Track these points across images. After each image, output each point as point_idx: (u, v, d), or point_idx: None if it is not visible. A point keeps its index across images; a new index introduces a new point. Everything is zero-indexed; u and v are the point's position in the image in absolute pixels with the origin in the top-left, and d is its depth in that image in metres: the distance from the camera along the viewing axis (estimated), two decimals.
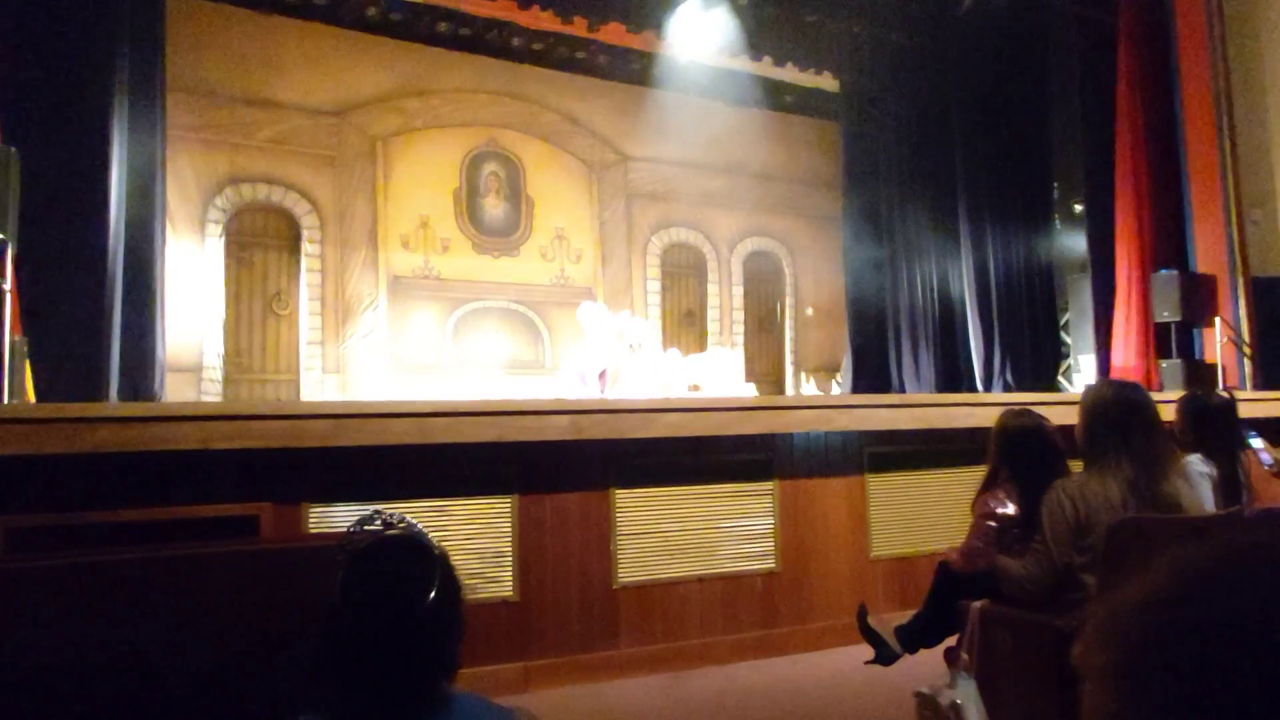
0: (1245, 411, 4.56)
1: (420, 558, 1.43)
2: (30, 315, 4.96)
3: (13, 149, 4.57)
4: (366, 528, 1.46)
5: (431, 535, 1.51)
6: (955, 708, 2.67)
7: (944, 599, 3.17)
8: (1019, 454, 3.03)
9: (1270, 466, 3.96)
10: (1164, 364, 7.25)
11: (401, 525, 1.47)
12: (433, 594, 1.39)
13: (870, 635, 3.43)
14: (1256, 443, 3.99)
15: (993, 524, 3.07)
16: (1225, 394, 3.65)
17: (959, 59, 9.27)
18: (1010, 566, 2.78)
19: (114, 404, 5.08)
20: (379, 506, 1.51)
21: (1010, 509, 3.02)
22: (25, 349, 4.69)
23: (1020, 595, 2.76)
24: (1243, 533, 0.52)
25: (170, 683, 1.83)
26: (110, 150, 5.69)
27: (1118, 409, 2.60)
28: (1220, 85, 7.34)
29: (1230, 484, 3.06)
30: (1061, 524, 2.59)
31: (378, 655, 1.36)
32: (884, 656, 3.34)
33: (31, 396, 4.69)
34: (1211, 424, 3.33)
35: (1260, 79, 7.33)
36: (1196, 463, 3.14)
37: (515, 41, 9.39)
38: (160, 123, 6.41)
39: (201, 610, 1.91)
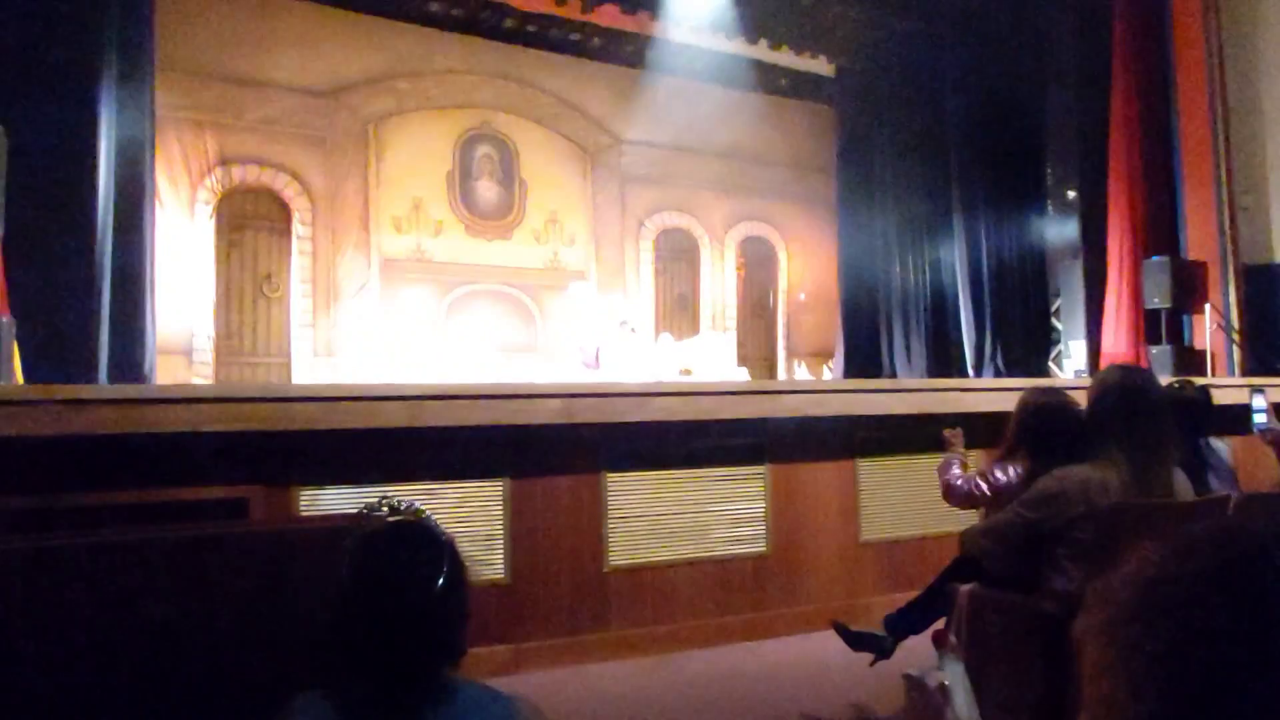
0: (1235, 397, 4.59)
1: (428, 543, 1.44)
2: (18, 296, 4.93)
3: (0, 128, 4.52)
4: (375, 513, 1.47)
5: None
6: (943, 689, 2.67)
7: (942, 584, 3.18)
8: (1037, 432, 2.86)
9: (1262, 430, 3.94)
10: (1154, 350, 7.28)
11: (409, 511, 1.49)
12: (440, 580, 1.39)
13: (860, 640, 3.43)
14: (1259, 402, 3.96)
15: (983, 485, 3.03)
16: (1201, 389, 3.64)
17: (954, 43, 9.23)
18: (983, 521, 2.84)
19: (103, 386, 5.06)
20: (386, 491, 1.51)
21: (1010, 479, 2.93)
22: (13, 330, 4.66)
23: (974, 547, 2.84)
24: (1229, 515, 0.58)
25: (159, 665, 1.83)
26: (99, 130, 5.64)
27: (1122, 396, 2.57)
28: (1214, 71, 7.33)
29: (1193, 477, 2.99)
30: (1043, 504, 2.59)
31: (384, 640, 1.37)
32: (881, 650, 3.37)
33: (19, 378, 4.67)
34: (1183, 415, 3.30)
35: (1254, 65, 7.33)
36: None
37: (509, 23, 9.32)
38: (150, 103, 6.34)
39: (191, 593, 1.91)
